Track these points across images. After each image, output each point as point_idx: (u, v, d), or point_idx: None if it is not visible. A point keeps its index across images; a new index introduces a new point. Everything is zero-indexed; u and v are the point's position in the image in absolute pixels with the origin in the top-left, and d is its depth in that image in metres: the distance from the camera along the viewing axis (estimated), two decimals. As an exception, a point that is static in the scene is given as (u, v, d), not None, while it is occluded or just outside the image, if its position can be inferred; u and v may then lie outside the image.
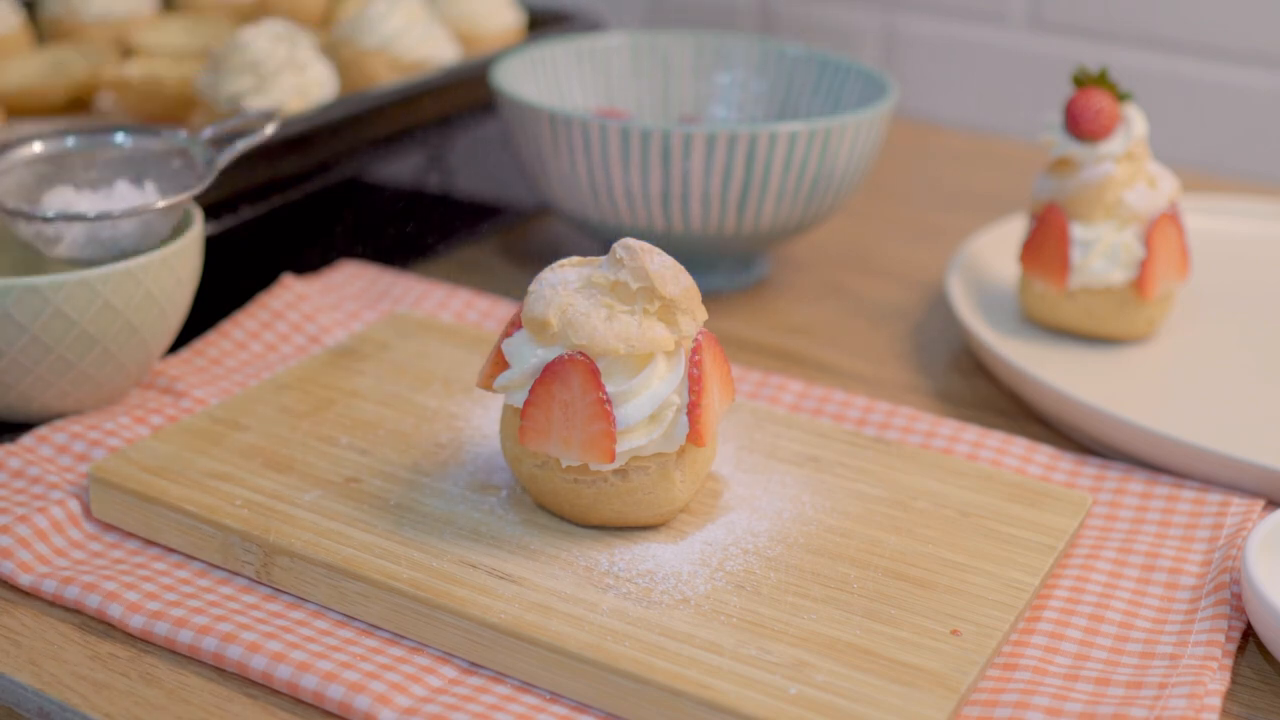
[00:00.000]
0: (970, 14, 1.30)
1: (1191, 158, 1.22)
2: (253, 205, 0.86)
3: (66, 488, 0.67)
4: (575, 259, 0.62)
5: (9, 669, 0.58)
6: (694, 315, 0.61)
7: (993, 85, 1.31)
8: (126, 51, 1.08)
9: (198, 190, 0.73)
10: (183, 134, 0.76)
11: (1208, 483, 0.70)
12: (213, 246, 0.82)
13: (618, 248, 0.61)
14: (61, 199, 0.74)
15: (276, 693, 0.57)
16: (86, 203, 0.74)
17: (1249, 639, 0.62)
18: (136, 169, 0.76)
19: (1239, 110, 1.21)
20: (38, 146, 0.75)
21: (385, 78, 1.00)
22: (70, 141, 0.76)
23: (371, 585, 0.59)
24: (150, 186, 0.75)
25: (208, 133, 0.77)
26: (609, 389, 0.59)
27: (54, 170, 0.75)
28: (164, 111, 0.98)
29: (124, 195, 0.74)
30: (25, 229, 0.72)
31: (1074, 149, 0.81)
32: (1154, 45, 1.23)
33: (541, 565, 0.60)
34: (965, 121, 1.33)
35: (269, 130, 0.78)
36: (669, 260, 0.61)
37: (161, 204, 0.71)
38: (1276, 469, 0.67)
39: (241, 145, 0.76)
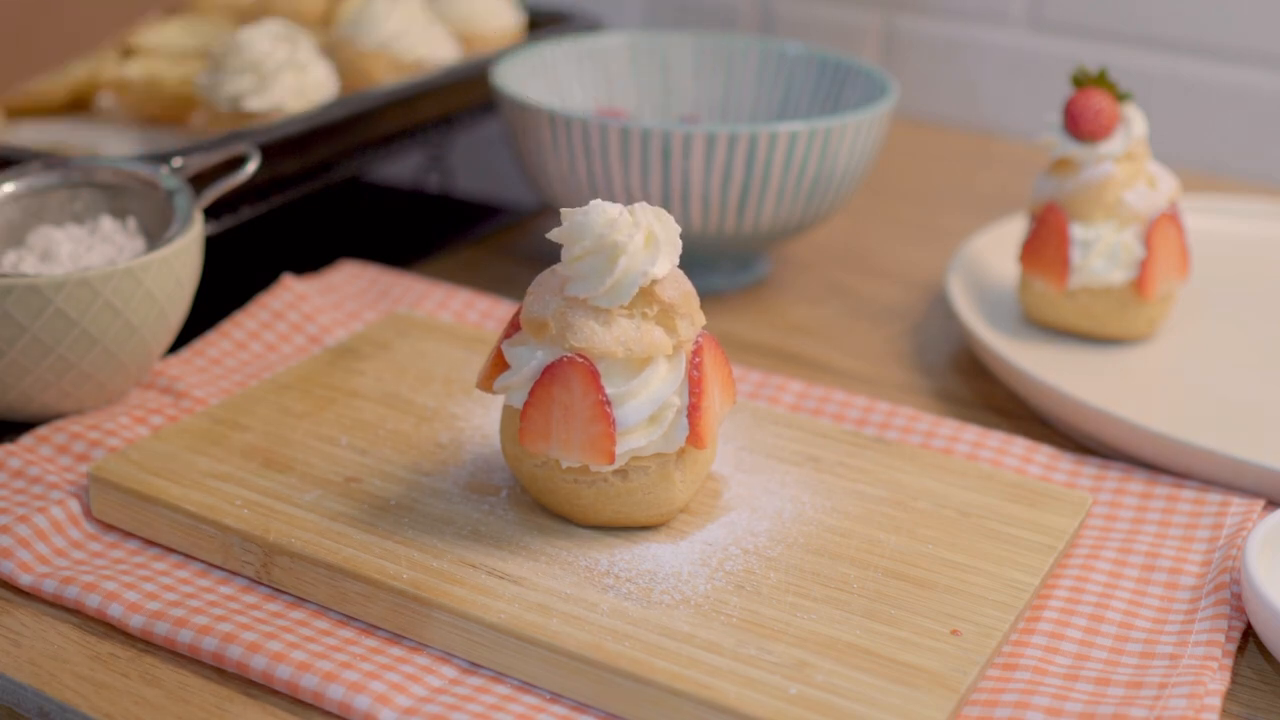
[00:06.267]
0: (970, 14, 1.30)
1: (1191, 158, 1.22)
2: (253, 205, 0.86)
3: (66, 488, 0.67)
4: (575, 259, 0.62)
5: (9, 669, 0.58)
6: (692, 319, 0.61)
7: (993, 85, 1.31)
8: (126, 51, 1.08)
9: (169, 246, 0.72)
10: (164, 169, 0.76)
11: (1208, 483, 0.70)
12: (213, 246, 0.82)
13: (618, 248, 0.60)
14: (43, 239, 0.74)
15: (276, 693, 0.57)
16: (69, 241, 0.74)
17: (1249, 639, 0.62)
18: (120, 203, 0.77)
19: (1239, 110, 1.21)
20: (17, 184, 0.75)
21: (385, 78, 1.00)
22: (53, 178, 0.76)
23: (371, 585, 0.59)
24: (133, 222, 0.76)
25: (189, 163, 0.77)
26: (609, 390, 0.59)
27: (39, 205, 0.75)
28: (164, 111, 0.98)
29: (107, 232, 0.75)
30: None
31: (1074, 149, 0.81)
32: (1154, 45, 1.23)
33: (541, 565, 0.60)
34: (965, 121, 1.33)
35: (250, 169, 0.78)
36: (668, 262, 0.61)
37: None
38: (1276, 469, 0.67)
39: (222, 186, 0.76)
